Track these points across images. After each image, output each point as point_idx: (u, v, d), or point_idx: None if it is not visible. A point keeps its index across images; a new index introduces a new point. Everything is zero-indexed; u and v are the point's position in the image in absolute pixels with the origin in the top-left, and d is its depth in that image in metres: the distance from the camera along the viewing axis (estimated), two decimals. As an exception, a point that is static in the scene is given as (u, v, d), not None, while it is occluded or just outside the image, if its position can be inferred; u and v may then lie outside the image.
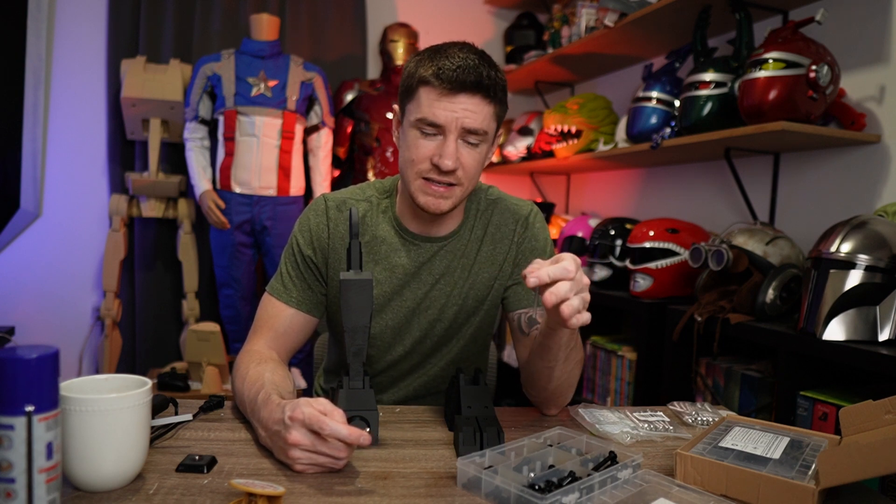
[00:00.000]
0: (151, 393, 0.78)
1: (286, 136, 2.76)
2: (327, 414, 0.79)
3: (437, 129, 1.02)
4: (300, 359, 2.90)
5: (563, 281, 0.81)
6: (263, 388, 0.92)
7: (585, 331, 2.47)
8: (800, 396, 1.48)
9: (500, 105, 1.06)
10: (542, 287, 0.82)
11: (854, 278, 1.41)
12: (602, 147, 2.53)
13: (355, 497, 0.75)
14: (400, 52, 3.09)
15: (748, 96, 1.72)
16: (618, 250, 2.29)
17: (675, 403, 1.16)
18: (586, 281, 0.84)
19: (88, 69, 2.96)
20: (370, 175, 3.04)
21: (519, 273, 1.19)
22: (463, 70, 0.98)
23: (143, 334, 3.02)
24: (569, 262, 0.82)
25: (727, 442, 0.86)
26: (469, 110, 1.00)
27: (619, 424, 1.03)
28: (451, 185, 1.04)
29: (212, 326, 2.64)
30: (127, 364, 2.97)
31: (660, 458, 0.92)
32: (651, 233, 2.10)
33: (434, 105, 1.00)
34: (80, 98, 2.96)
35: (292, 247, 1.17)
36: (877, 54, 1.79)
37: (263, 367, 1.00)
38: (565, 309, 0.80)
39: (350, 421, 0.85)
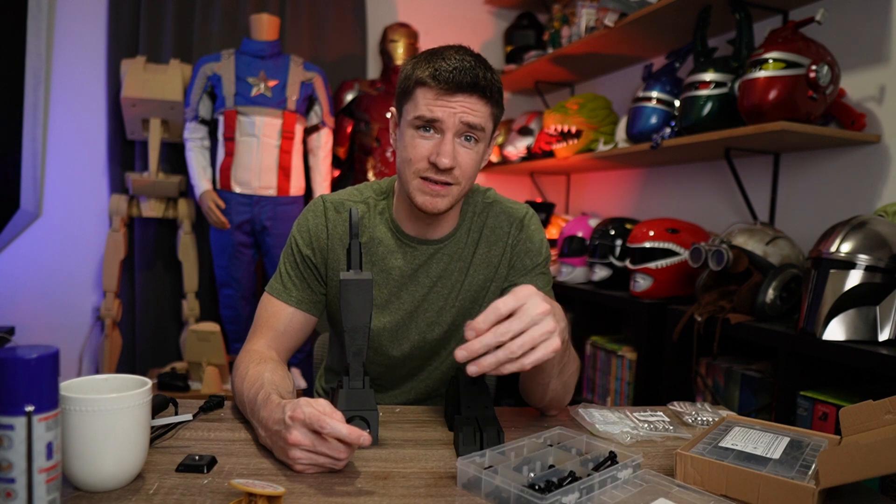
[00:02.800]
0: (151, 393, 0.78)
1: (286, 136, 2.76)
2: (327, 414, 0.79)
3: (435, 126, 1.02)
4: (300, 359, 2.90)
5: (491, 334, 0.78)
6: (263, 387, 0.92)
7: (585, 331, 2.47)
8: (800, 396, 1.48)
9: (497, 106, 1.06)
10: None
11: (854, 278, 1.41)
12: (602, 147, 2.53)
13: (355, 497, 0.75)
14: (400, 52, 3.09)
15: (748, 96, 1.72)
16: (618, 250, 2.29)
17: (675, 403, 1.16)
18: (532, 314, 0.79)
19: (88, 69, 2.96)
20: (370, 175, 3.04)
21: (514, 275, 1.18)
22: (460, 71, 0.99)
23: (143, 334, 3.02)
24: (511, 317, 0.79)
25: (727, 442, 0.86)
26: (467, 107, 1.01)
27: (619, 424, 1.03)
28: (447, 183, 1.05)
29: (212, 326, 2.64)
30: (127, 364, 2.98)
31: (660, 458, 0.92)
32: (651, 233, 2.10)
33: (431, 104, 1.01)
34: (80, 98, 2.96)
35: (291, 247, 1.17)
36: (877, 54, 1.79)
37: (263, 367, 1.00)
38: (471, 367, 0.79)
39: (350, 421, 0.85)
